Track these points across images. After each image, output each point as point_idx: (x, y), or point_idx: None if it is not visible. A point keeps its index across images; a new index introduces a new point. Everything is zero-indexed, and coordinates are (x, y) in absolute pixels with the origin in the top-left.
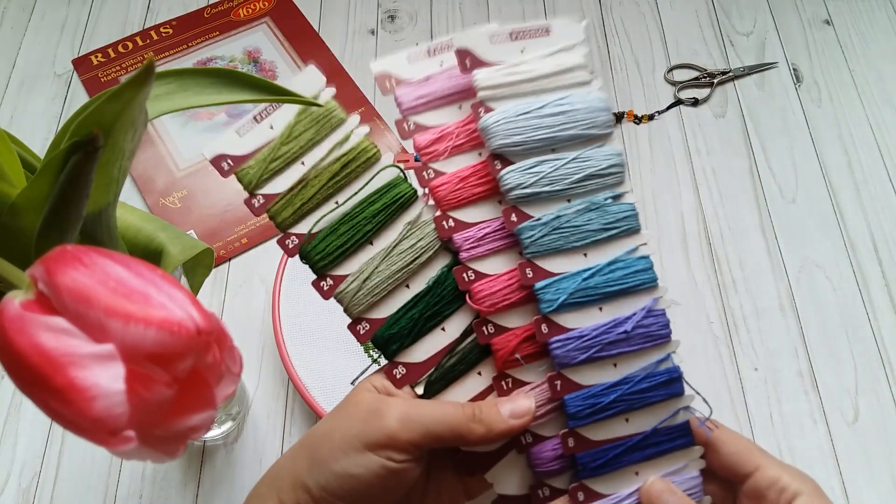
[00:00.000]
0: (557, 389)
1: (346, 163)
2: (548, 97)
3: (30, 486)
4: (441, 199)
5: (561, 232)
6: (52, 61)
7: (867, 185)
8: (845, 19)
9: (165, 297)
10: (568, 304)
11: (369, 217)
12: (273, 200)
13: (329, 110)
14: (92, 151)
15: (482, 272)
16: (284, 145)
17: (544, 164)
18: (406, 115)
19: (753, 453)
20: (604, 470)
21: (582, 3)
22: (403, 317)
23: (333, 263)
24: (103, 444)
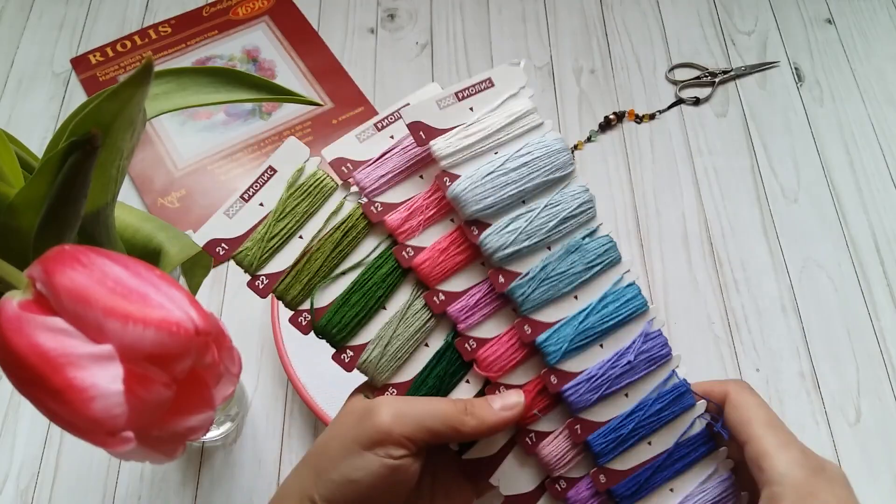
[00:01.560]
0: (578, 433)
1: (346, 231)
2: (507, 149)
3: (28, 487)
4: (427, 275)
5: (550, 282)
6: (51, 60)
7: (869, 185)
8: (847, 18)
9: (164, 297)
10: (571, 350)
11: (378, 282)
12: (278, 280)
13: (318, 180)
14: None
15: (482, 338)
16: (279, 221)
17: (519, 220)
18: (371, 197)
19: (753, 423)
20: (640, 495)
21: (582, 3)
22: (429, 376)
23: (351, 334)
24: (102, 444)
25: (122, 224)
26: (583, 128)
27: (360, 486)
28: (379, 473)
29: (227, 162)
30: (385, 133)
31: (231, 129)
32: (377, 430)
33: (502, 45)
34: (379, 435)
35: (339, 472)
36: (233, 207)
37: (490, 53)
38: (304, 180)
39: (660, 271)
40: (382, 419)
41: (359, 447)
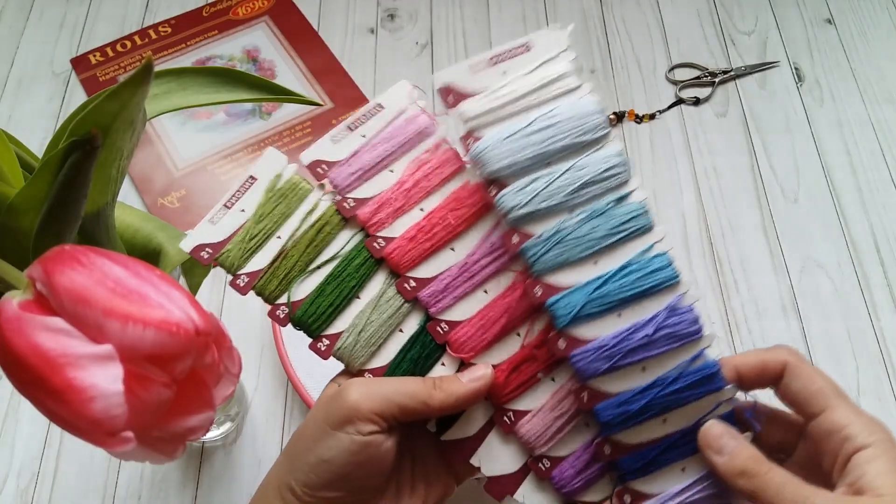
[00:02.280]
0: (584, 401)
1: (320, 228)
2: (535, 113)
3: (28, 487)
4: (397, 263)
5: (565, 244)
6: (51, 60)
7: (869, 185)
8: (847, 18)
9: (164, 297)
10: (583, 316)
11: (353, 273)
12: (257, 277)
13: (294, 184)
14: (90, 151)
15: (454, 321)
16: (258, 224)
17: (538, 181)
18: (344, 194)
19: (825, 393)
20: (649, 470)
21: (582, 3)
22: (404, 360)
23: (326, 323)
24: (102, 444)
25: (122, 224)
26: None
27: (333, 466)
28: (350, 450)
29: (227, 162)
30: (357, 133)
31: (231, 129)
32: (345, 408)
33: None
34: (347, 412)
35: (313, 454)
36: (217, 215)
37: None
38: (281, 185)
39: None
40: (350, 397)
41: (329, 427)
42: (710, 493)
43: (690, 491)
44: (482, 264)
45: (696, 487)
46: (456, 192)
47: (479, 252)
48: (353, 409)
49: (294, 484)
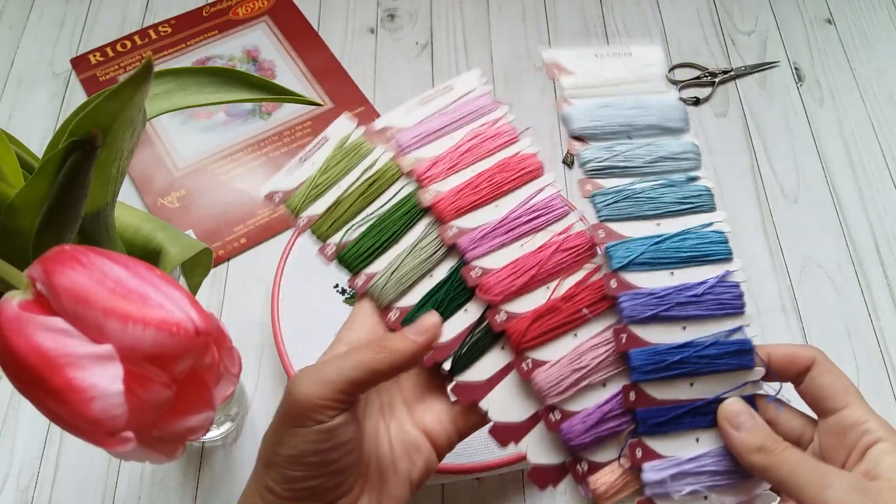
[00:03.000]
0: (623, 342)
1: (373, 181)
2: (628, 99)
3: (28, 487)
4: (442, 211)
5: (635, 200)
6: (51, 60)
7: (869, 185)
8: (847, 18)
9: (164, 297)
10: (638, 264)
11: (395, 220)
12: (314, 220)
13: (359, 144)
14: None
15: (486, 267)
16: (323, 175)
17: (620, 146)
18: (405, 152)
19: (848, 391)
20: (664, 429)
21: (582, 3)
22: (429, 301)
23: (366, 263)
24: (102, 444)
25: (122, 224)
26: None
27: (305, 458)
28: (318, 440)
29: (227, 162)
30: (427, 107)
31: (231, 129)
32: (297, 404)
33: (502, 45)
34: (300, 407)
35: (281, 455)
36: (291, 167)
37: (490, 53)
38: (347, 145)
39: None
40: (300, 392)
41: (289, 426)
42: (719, 469)
43: (701, 461)
44: (521, 220)
45: (707, 459)
46: (506, 158)
47: (520, 210)
48: (305, 402)
49: (272, 483)
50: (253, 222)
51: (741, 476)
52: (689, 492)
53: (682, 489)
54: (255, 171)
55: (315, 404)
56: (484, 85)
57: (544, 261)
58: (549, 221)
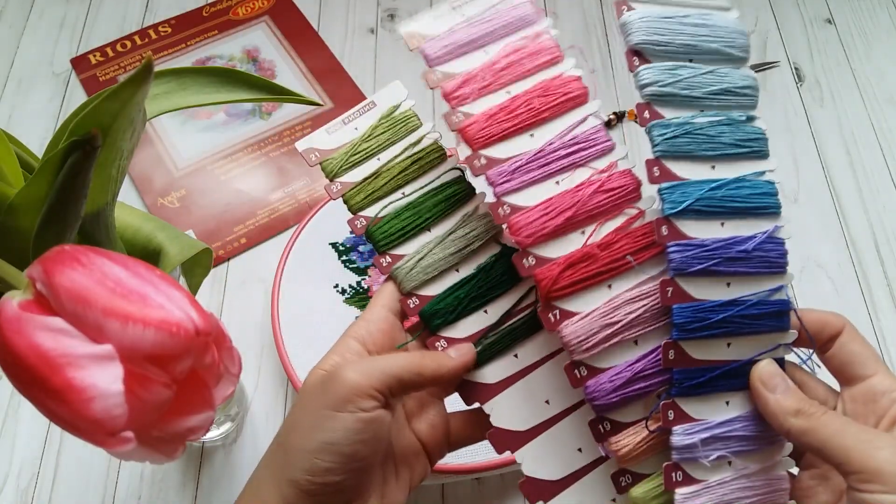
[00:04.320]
0: (668, 296)
1: (415, 160)
2: (691, 10)
3: (28, 487)
4: (471, 138)
5: (693, 137)
6: (51, 60)
7: (869, 185)
8: (847, 18)
9: (164, 297)
10: (691, 211)
11: (430, 207)
12: (349, 187)
13: (407, 117)
14: (90, 151)
15: (517, 205)
16: (364, 142)
17: (683, 70)
18: (433, 65)
19: (876, 360)
20: (698, 391)
21: (582, 3)
22: (450, 296)
23: (394, 244)
24: (102, 444)
25: (122, 224)
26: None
27: (338, 447)
28: (356, 429)
29: (227, 162)
30: (460, 12)
31: (231, 129)
32: (345, 388)
33: None
34: (348, 392)
35: (315, 440)
36: (333, 127)
37: None
38: (396, 115)
39: None
40: (348, 377)
41: (330, 410)
42: (746, 434)
43: (731, 425)
44: (559, 154)
45: (737, 423)
46: (547, 80)
47: (558, 142)
48: (354, 387)
49: (297, 477)
50: (253, 222)
51: (765, 441)
52: (716, 457)
53: (711, 454)
54: (255, 171)
55: (362, 390)
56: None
57: (582, 202)
58: (591, 157)
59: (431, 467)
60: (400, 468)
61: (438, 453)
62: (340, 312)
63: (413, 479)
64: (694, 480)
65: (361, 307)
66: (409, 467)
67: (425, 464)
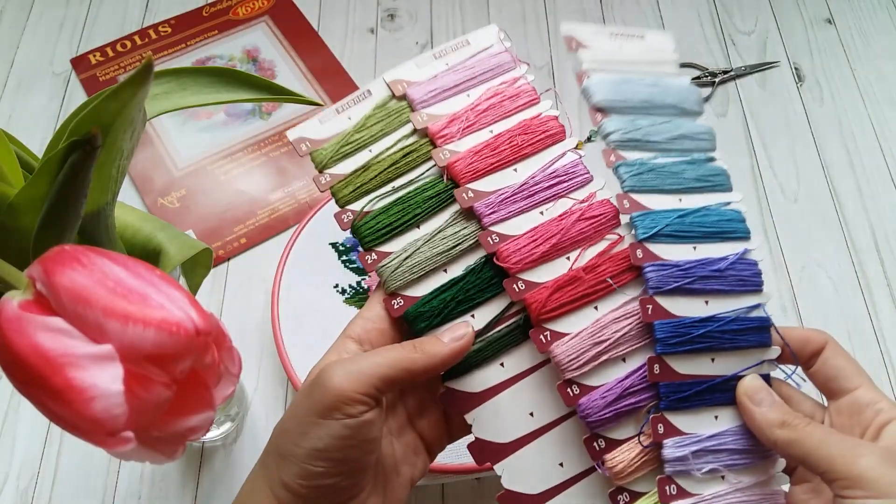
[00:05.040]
0: (649, 313)
1: (407, 152)
2: (645, 75)
3: (28, 487)
4: (458, 173)
5: (657, 174)
6: (51, 60)
7: (869, 185)
8: (847, 18)
9: (164, 297)
10: (663, 236)
11: (420, 202)
12: (337, 179)
13: (401, 108)
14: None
15: (505, 234)
16: (357, 133)
17: (642, 120)
18: (419, 108)
19: (860, 373)
20: (686, 405)
21: (582, 3)
22: (436, 298)
23: (380, 240)
24: (102, 444)
25: (122, 224)
26: (583, 128)
27: (328, 454)
28: (343, 435)
29: (227, 162)
30: (441, 61)
31: (231, 129)
32: (330, 395)
33: None
34: (333, 399)
35: (303, 447)
36: (326, 116)
37: None
38: (389, 106)
39: None
40: (333, 382)
41: (316, 416)
42: (737, 447)
43: (721, 439)
44: (542, 186)
45: (727, 437)
46: (527, 120)
47: (540, 175)
48: (338, 394)
49: (287, 479)
50: (253, 222)
51: (757, 456)
52: (708, 470)
53: (703, 467)
54: (255, 171)
55: (348, 396)
56: (503, 41)
57: (566, 229)
58: (571, 188)
59: (432, 461)
60: (400, 465)
61: (439, 447)
62: (340, 312)
63: (414, 475)
64: (689, 494)
65: (361, 307)
66: (410, 464)
67: (425, 460)
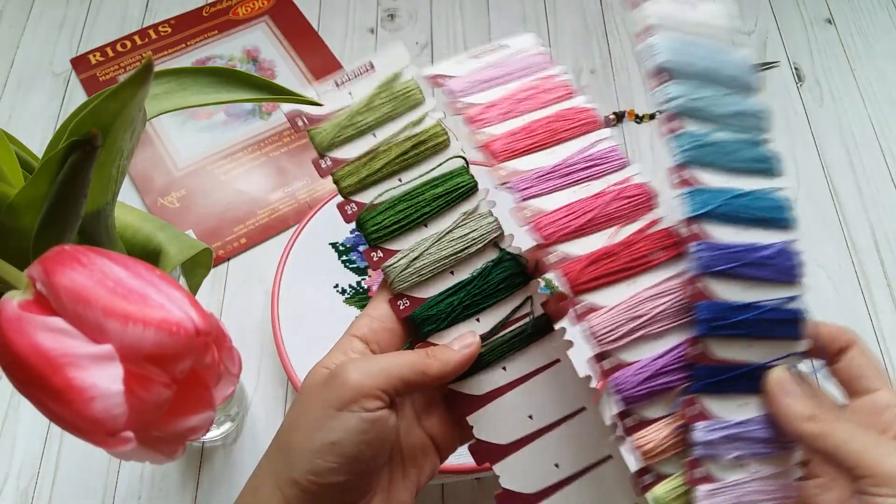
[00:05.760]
0: (694, 292)
1: (416, 143)
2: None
3: (28, 487)
4: (495, 151)
5: (716, 149)
6: (51, 60)
7: (869, 185)
8: (847, 18)
9: (164, 297)
10: (714, 216)
11: (429, 200)
12: (340, 165)
13: (409, 89)
14: (90, 151)
15: (540, 208)
16: (360, 114)
17: (705, 89)
18: (457, 97)
19: (882, 375)
20: (718, 390)
21: (582, 3)
22: (444, 301)
23: (387, 237)
24: (102, 444)
25: (122, 224)
26: None
27: (341, 448)
28: (358, 429)
29: (227, 162)
30: (480, 60)
31: (231, 129)
32: (348, 388)
33: None
34: (351, 392)
35: (317, 440)
36: (323, 88)
37: None
38: (396, 85)
39: None
40: (352, 377)
41: (332, 409)
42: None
43: (749, 426)
44: (578, 167)
45: (753, 425)
46: (563, 110)
47: (577, 157)
48: (357, 387)
49: (298, 476)
50: (253, 222)
51: (779, 446)
52: (734, 456)
53: (730, 453)
54: (255, 171)
55: (366, 391)
56: (540, 47)
57: (602, 206)
58: (607, 171)
59: (441, 463)
60: (408, 467)
61: (450, 449)
62: (340, 312)
63: (421, 478)
64: (712, 479)
65: (361, 307)
66: (418, 466)
67: (435, 461)
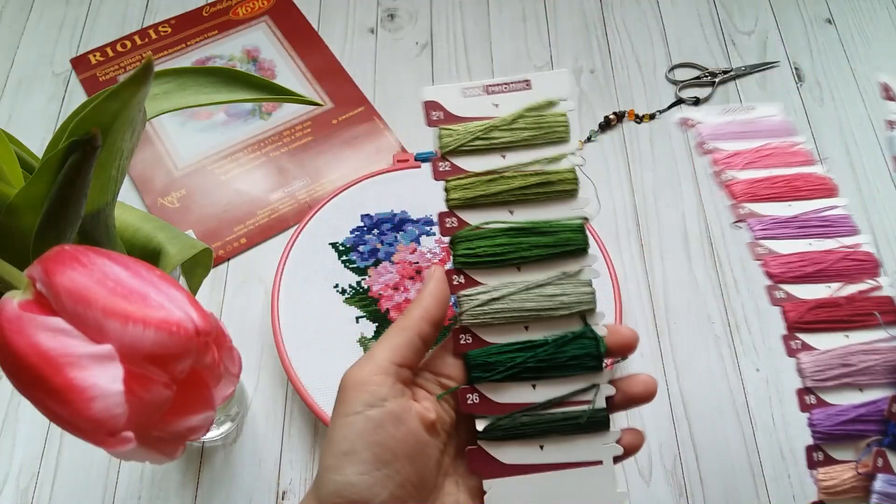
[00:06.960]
0: None
1: (543, 181)
2: None
3: (28, 487)
4: (736, 192)
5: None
6: (51, 60)
7: (869, 185)
8: (847, 18)
9: (164, 297)
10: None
11: (533, 245)
12: (458, 175)
13: (558, 122)
14: (90, 151)
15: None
16: (499, 130)
17: None
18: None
19: None
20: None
21: (582, 3)
22: (508, 353)
23: (474, 266)
24: (102, 444)
25: (122, 224)
26: (583, 128)
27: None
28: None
29: (227, 162)
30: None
31: (231, 129)
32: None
33: (502, 45)
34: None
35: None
36: (472, 91)
37: (490, 53)
38: (546, 113)
39: (660, 271)
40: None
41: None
42: None
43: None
44: (812, 223)
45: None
46: (805, 173)
47: (813, 215)
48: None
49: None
50: (253, 222)
51: None
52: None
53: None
54: (255, 171)
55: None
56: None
57: (832, 262)
58: (839, 234)
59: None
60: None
61: None
62: (340, 312)
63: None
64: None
65: (361, 307)
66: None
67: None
